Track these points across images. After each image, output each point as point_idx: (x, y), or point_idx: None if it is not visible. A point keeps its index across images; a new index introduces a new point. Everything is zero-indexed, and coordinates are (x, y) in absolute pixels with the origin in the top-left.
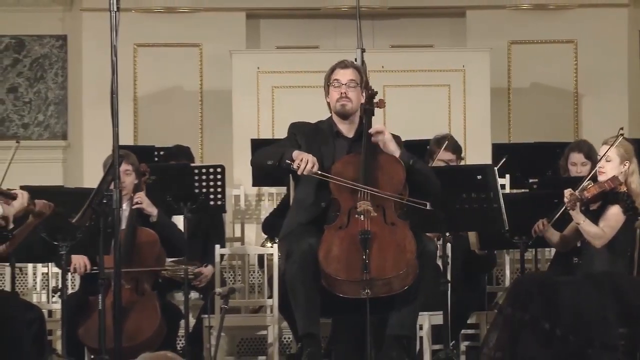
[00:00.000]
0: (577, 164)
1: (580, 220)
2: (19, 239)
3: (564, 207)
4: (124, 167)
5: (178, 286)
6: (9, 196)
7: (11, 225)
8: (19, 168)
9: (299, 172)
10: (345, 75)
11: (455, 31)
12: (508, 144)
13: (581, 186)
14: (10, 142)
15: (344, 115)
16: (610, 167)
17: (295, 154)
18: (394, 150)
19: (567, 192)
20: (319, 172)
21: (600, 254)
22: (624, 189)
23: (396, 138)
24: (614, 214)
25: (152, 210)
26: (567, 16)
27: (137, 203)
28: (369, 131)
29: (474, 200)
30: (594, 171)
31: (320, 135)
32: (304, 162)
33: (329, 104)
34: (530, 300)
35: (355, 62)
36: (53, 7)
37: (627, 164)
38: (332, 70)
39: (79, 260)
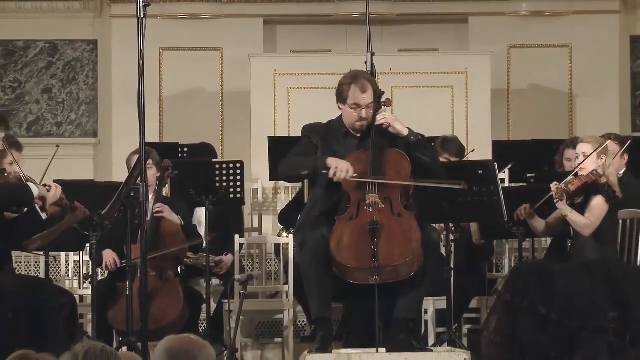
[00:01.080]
0: (571, 159)
1: (567, 212)
2: (53, 236)
3: (548, 195)
4: (148, 162)
5: (200, 273)
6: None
7: (48, 205)
8: (53, 163)
9: (335, 179)
10: (365, 100)
11: (459, 36)
12: (507, 142)
13: (565, 180)
14: (45, 139)
15: (360, 132)
16: (589, 162)
17: (330, 161)
18: (402, 129)
19: (554, 185)
20: (355, 175)
21: (590, 242)
22: (604, 180)
23: None
24: (598, 204)
25: (174, 219)
26: (562, 22)
27: (159, 212)
28: (376, 122)
29: (475, 194)
30: (575, 169)
31: (332, 134)
32: (340, 170)
33: (340, 109)
34: (528, 287)
35: (368, 75)
36: (84, 13)
37: (603, 158)
38: (349, 87)
39: (109, 258)
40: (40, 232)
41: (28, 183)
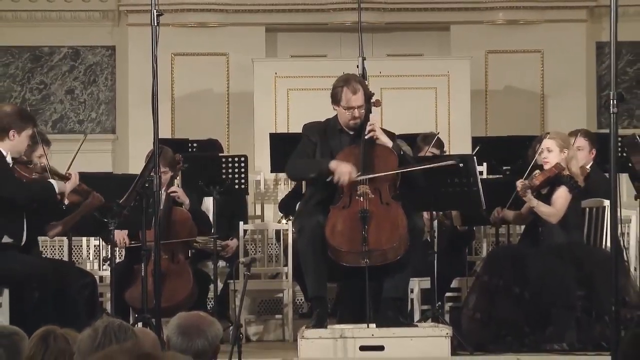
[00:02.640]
0: None
1: (534, 203)
2: (72, 222)
3: (514, 193)
4: (163, 168)
5: (208, 256)
6: (64, 177)
7: (66, 201)
8: (76, 157)
9: (339, 184)
10: (356, 101)
11: (441, 42)
12: (485, 137)
13: (530, 175)
14: (68, 135)
15: (353, 129)
16: (552, 156)
17: (333, 165)
18: (387, 142)
19: (519, 182)
20: (361, 175)
21: (557, 228)
22: (566, 172)
23: (391, 134)
24: (562, 195)
25: (185, 200)
26: (535, 30)
27: (173, 192)
28: (366, 132)
29: (457, 185)
30: (533, 162)
31: (329, 131)
32: (341, 174)
33: (335, 110)
34: (503, 269)
35: (359, 78)
36: (103, 22)
37: (565, 151)
38: (342, 90)
39: (119, 236)
40: (59, 219)
41: (50, 180)
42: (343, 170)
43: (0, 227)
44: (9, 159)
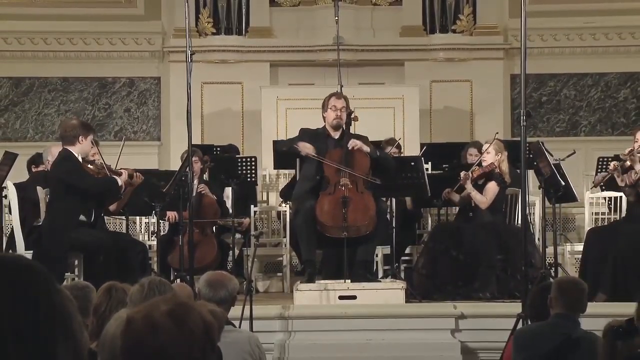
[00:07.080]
0: (472, 155)
1: (471, 191)
2: (124, 201)
3: (459, 182)
4: (194, 158)
5: (228, 230)
6: (117, 173)
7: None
8: (132, 158)
9: (302, 153)
10: (339, 103)
11: (398, 74)
12: (430, 143)
13: (471, 169)
14: (126, 142)
15: (336, 128)
16: (490, 157)
17: (299, 144)
18: (367, 149)
19: (462, 173)
20: (314, 155)
21: (485, 211)
22: (498, 170)
23: (365, 138)
24: (491, 188)
25: (209, 194)
26: (466, 65)
27: (202, 189)
28: (349, 147)
29: (409, 178)
30: (478, 160)
31: (318, 136)
32: (303, 148)
33: (324, 118)
34: (443, 239)
35: (342, 94)
36: (152, 59)
37: (499, 155)
38: (330, 97)
39: (171, 214)
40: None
41: (114, 177)
42: (306, 146)
43: (77, 209)
44: (79, 159)
